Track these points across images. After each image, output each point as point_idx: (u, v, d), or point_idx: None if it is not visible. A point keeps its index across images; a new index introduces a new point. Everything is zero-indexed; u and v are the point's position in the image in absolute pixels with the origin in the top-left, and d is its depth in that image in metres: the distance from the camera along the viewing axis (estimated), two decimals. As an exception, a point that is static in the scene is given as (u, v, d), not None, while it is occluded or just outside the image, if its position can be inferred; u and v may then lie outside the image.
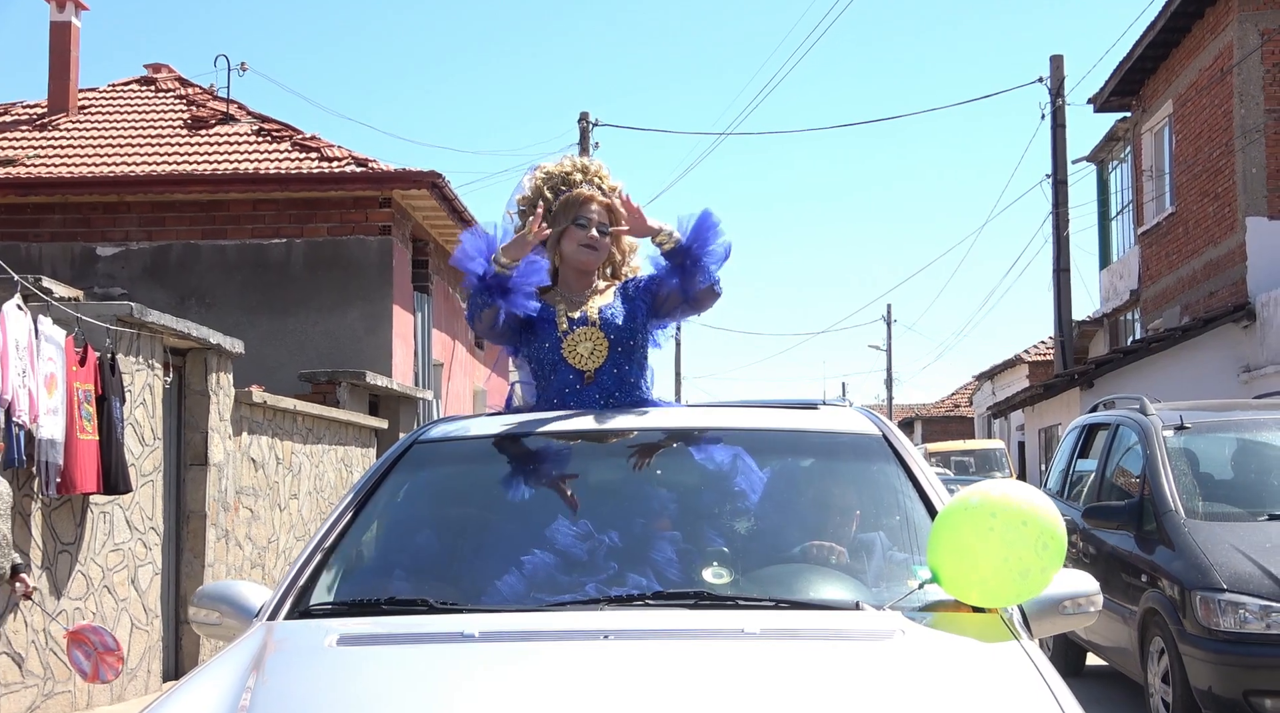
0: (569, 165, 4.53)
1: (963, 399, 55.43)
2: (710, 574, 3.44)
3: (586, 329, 4.30)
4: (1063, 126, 24.95)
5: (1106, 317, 27.67)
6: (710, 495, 3.79)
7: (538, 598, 3.34)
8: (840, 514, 3.81)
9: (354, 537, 3.71)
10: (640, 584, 3.36)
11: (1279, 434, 8.66)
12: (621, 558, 3.47)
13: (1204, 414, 8.95)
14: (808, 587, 3.46)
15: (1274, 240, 19.13)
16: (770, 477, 3.86)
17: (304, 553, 3.60)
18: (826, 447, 4.09)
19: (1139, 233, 24.77)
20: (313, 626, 3.28)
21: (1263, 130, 19.20)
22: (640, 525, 3.63)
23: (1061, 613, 3.45)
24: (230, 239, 16.65)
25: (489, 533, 3.77)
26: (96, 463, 7.94)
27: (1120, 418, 9.26)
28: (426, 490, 4.02)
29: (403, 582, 3.56)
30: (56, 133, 18.50)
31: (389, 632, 3.18)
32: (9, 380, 6.93)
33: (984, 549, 3.11)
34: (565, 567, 3.46)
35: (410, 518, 3.90)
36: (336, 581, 3.57)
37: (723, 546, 3.58)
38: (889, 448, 3.95)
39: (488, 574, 3.48)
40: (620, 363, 4.32)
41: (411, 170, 16.58)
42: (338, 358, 16.03)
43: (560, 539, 3.53)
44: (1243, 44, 19.37)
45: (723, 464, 3.85)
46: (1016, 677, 2.83)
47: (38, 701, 7.87)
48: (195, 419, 9.95)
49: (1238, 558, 7.21)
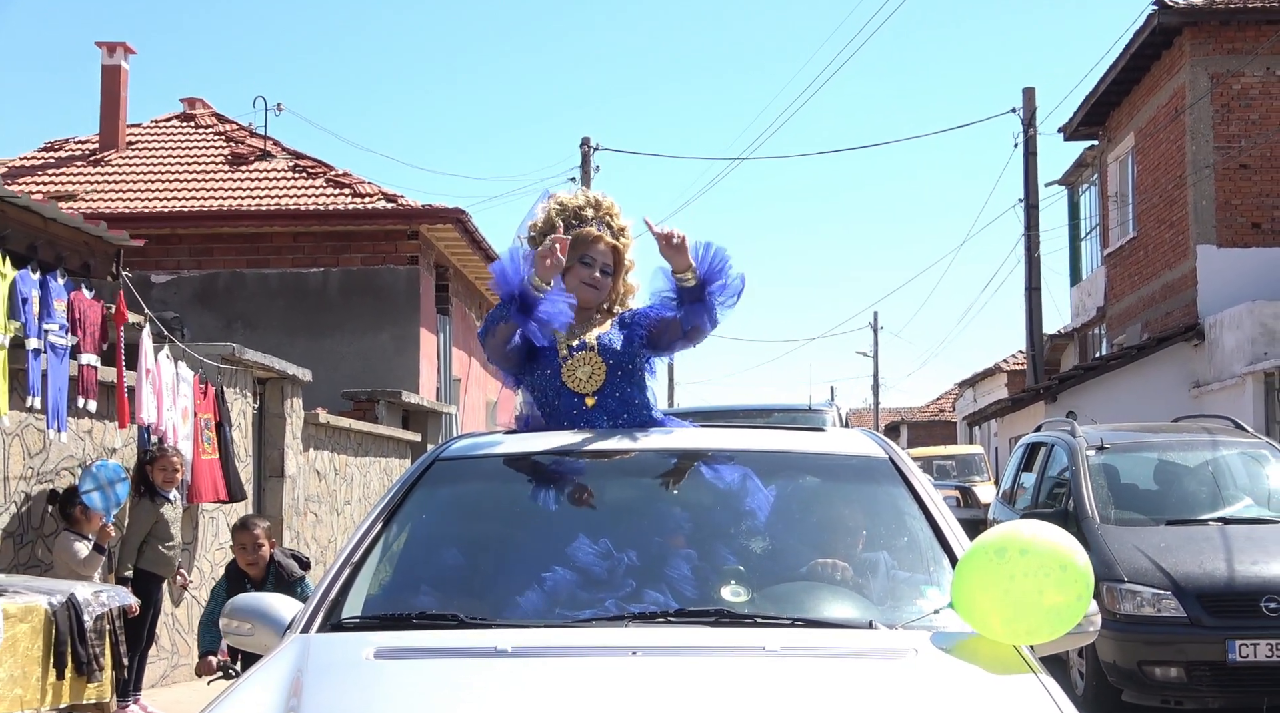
0: (582, 199, 4.60)
1: (947, 404, 57.14)
2: (728, 593, 3.53)
3: (585, 354, 4.40)
4: (1034, 154, 26.74)
5: (1076, 331, 29.47)
6: (722, 515, 3.91)
7: (561, 614, 3.44)
8: (849, 535, 3.90)
9: (381, 552, 3.83)
10: (658, 601, 3.46)
11: (1183, 453, 10.46)
12: (639, 575, 3.56)
13: (1123, 435, 10.76)
14: (822, 606, 3.55)
15: (1222, 267, 20.86)
16: (780, 497, 3.96)
17: (333, 567, 3.72)
18: (835, 469, 4.15)
19: (1105, 254, 26.53)
20: (348, 638, 3.38)
21: (1212, 166, 20.96)
22: (656, 544, 3.73)
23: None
24: (272, 268, 18.35)
25: (511, 550, 3.86)
26: (217, 478, 9.72)
27: (1055, 438, 11.06)
28: (449, 507, 4.12)
29: (430, 597, 3.64)
30: (109, 168, 20.21)
31: (424, 645, 3.27)
32: (163, 415, 8.73)
33: (1013, 592, 3.17)
34: (586, 584, 3.55)
35: (434, 534, 3.99)
36: (366, 595, 3.67)
37: (736, 564, 3.67)
38: (896, 471, 4.04)
39: (512, 590, 3.59)
40: (621, 386, 4.41)
41: (438, 207, 18.34)
42: (370, 377, 17.73)
43: (581, 557, 3.62)
44: (1194, 86, 21.15)
45: (733, 484, 3.95)
46: (1024, 696, 2.94)
47: (167, 671, 9.66)
48: (274, 438, 11.74)
49: (1137, 556, 8.97)
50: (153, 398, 8.64)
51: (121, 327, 8.38)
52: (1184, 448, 10.55)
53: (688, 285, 4.28)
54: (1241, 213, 20.92)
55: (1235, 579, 8.66)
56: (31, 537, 8.26)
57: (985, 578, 3.20)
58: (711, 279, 4.29)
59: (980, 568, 3.22)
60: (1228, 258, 20.84)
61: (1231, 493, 9.96)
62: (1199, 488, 10.06)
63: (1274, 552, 8.89)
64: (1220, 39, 20.97)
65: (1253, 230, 20.87)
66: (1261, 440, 10.59)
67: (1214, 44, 21.00)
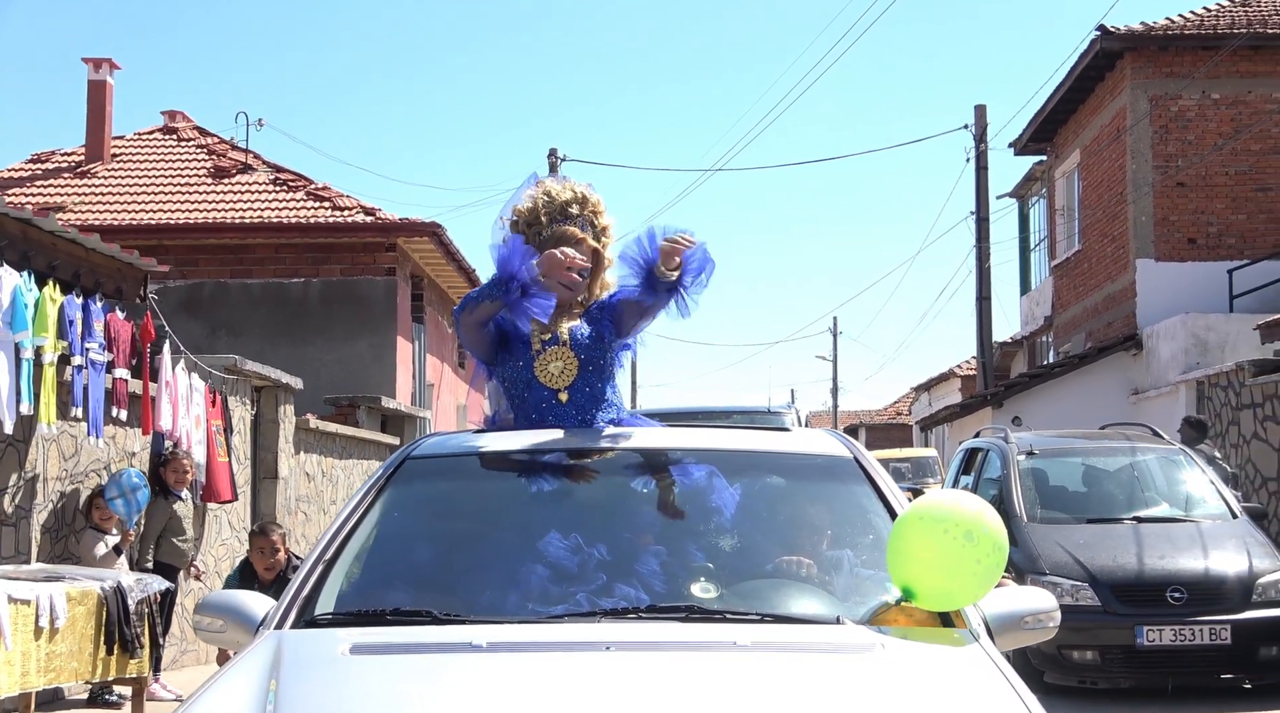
0: (569, 194, 4.58)
1: (904, 407, 58.23)
2: (698, 589, 3.58)
3: (557, 348, 4.39)
4: (985, 169, 27.79)
5: (1026, 339, 30.58)
6: (689, 512, 3.96)
7: (534, 609, 3.48)
8: (814, 533, 3.95)
9: (353, 550, 3.83)
10: (629, 595, 3.51)
11: (1105, 458, 11.49)
12: (610, 570, 3.59)
13: (1051, 441, 11.79)
14: (790, 602, 3.61)
15: (1160, 280, 21.91)
16: (747, 496, 4.00)
17: (306, 564, 3.73)
18: (801, 468, 4.20)
19: (1053, 265, 27.61)
20: (322, 635, 3.40)
21: (1151, 184, 22.03)
22: (626, 540, 3.77)
23: (1023, 628, 3.66)
24: (255, 278, 19.23)
25: (483, 546, 3.88)
26: (227, 479, 10.63)
27: (990, 444, 12.05)
28: (420, 505, 4.12)
29: (403, 593, 3.67)
30: (96, 180, 21.00)
31: (399, 641, 3.29)
32: (179, 423, 9.62)
33: (933, 555, 3.36)
34: (557, 578, 3.58)
35: (406, 532, 4.01)
36: (339, 592, 3.68)
37: (705, 561, 3.73)
38: (860, 470, 4.10)
39: (484, 585, 3.63)
40: (591, 381, 4.42)
41: (415, 221, 19.24)
42: (349, 383, 18.58)
43: (552, 552, 3.65)
44: (1135, 108, 22.23)
45: (699, 482, 3.99)
46: (987, 686, 3.02)
47: (177, 656, 10.53)
48: (268, 442, 12.61)
49: (1059, 551, 9.96)
50: (169, 407, 9.54)
51: (148, 344, 9.29)
52: (1106, 454, 11.58)
53: (668, 280, 4.28)
54: (1178, 229, 21.99)
55: (1144, 572, 9.66)
56: (65, 532, 9.15)
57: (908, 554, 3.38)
58: (692, 274, 4.31)
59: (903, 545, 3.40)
60: (1165, 272, 21.89)
61: (1146, 495, 10.99)
62: (1117, 490, 11.08)
63: (1180, 548, 9.91)
64: (1159, 63, 22.03)
65: (1189, 245, 21.94)
66: (1175, 447, 11.62)
67: (1153, 68, 22.06)
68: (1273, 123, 21.58)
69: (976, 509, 3.46)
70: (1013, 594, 3.78)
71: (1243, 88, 21.82)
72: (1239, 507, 10.76)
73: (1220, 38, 21.23)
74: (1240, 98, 21.84)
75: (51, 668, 6.83)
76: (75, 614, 7.14)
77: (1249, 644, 9.41)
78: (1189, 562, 9.72)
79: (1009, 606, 3.66)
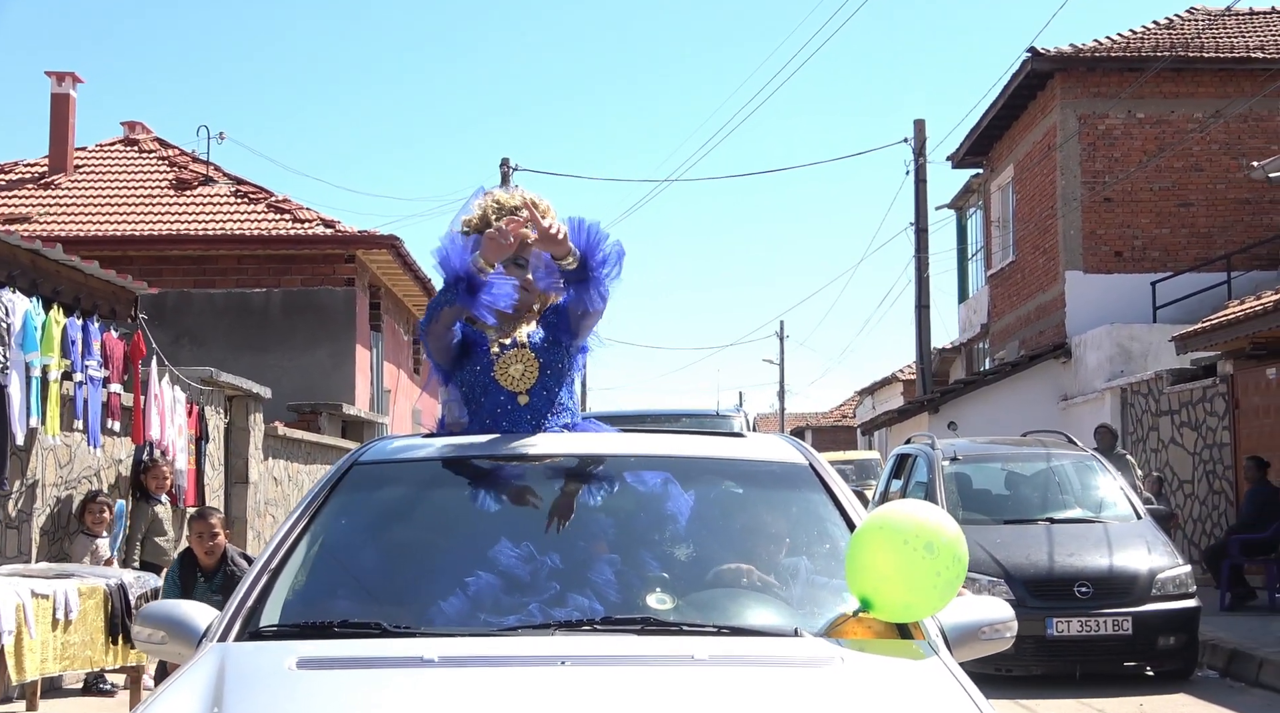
0: (518, 200, 4.52)
1: (849, 410, 59.24)
2: (654, 600, 3.52)
3: (518, 351, 4.34)
4: (924, 182, 28.69)
5: (963, 346, 31.57)
6: (643, 520, 3.90)
7: (486, 620, 3.40)
8: (770, 541, 3.90)
9: (299, 559, 3.73)
10: (583, 606, 3.44)
11: (1023, 464, 12.39)
12: (563, 579, 3.53)
13: (974, 448, 12.68)
14: (747, 613, 3.55)
15: (1087, 291, 22.89)
16: (701, 503, 3.95)
17: (250, 574, 3.62)
18: (757, 475, 4.14)
19: (989, 275, 28.59)
20: (268, 648, 3.28)
21: (1080, 199, 23.02)
22: (579, 548, 3.70)
23: (980, 639, 3.61)
24: (218, 288, 19.86)
25: (432, 554, 3.80)
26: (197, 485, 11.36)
27: (918, 450, 12.92)
28: (368, 512, 4.02)
29: (351, 603, 3.58)
30: (59, 192, 21.55)
31: (348, 655, 3.19)
32: (166, 433, 10.35)
33: (893, 566, 3.33)
34: (509, 588, 3.51)
35: (353, 540, 3.91)
36: (285, 602, 3.56)
37: (659, 569, 3.67)
38: (816, 477, 4.05)
39: (434, 595, 3.52)
40: (550, 385, 4.37)
41: (374, 234, 19.95)
42: (309, 390, 19.25)
43: (503, 561, 3.58)
44: (1064, 126, 23.21)
45: (654, 490, 3.94)
46: (948, 701, 3.03)
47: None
48: (239, 448, 13.32)
49: (978, 550, 10.80)
50: (158, 418, 10.26)
51: (139, 361, 10.01)
52: (1024, 460, 12.48)
53: (571, 268, 4.27)
54: (1105, 242, 23.00)
55: (1054, 569, 10.55)
56: (60, 534, 9.84)
57: (868, 565, 3.37)
58: (592, 255, 4.27)
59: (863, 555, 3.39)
60: (1092, 283, 22.88)
61: (1060, 498, 11.89)
62: (1033, 493, 11.98)
63: (1088, 546, 10.80)
64: (1087, 83, 23.03)
65: (1115, 258, 22.96)
66: (1088, 453, 12.53)
67: (1082, 88, 23.06)
68: (1194, 141, 22.63)
69: (936, 520, 3.44)
70: (969, 605, 3.72)
71: (1166, 108, 22.86)
72: (1144, 509, 11.68)
73: (1145, 60, 22.24)
74: (1164, 117, 22.87)
75: (67, 656, 7.61)
76: (85, 608, 7.89)
77: (1149, 635, 10.31)
78: (1095, 559, 10.61)
79: (966, 616, 3.62)
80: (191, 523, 7.96)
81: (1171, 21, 24.41)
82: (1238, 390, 16.68)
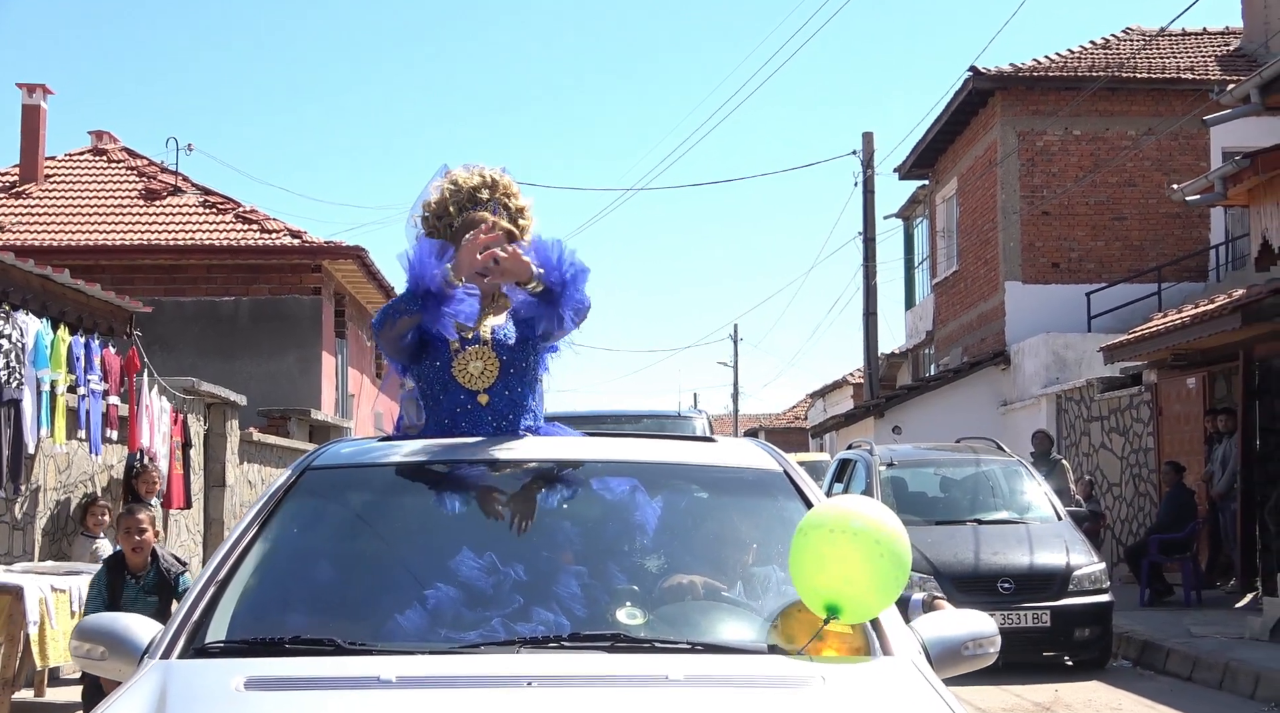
0: (477, 180, 4.38)
1: (802, 412, 60.21)
2: (623, 615, 3.37)
3: (478, 348, 4.17)
4: (872, 193, 29.58)
5: (910, 351, 32.56)
6: (610, 529, 3.74)
7: (446, 635, 3.25)
8: (743, 552, 3.76)
9: (249, 570, 3.55)
10: (549, 620, 3.29)
11: (954, 468, 13.28)
12: (527, 592, 3.38)
13: (909, 453, 13.58)
14: (722, 628, 3.42)
15: (1026, 301, 23.87)
16: (671, 512, 3.80)
17: (196, 586, 3.44)
18: (729, 482, 4.00)
19: (934, 283, 29.55)
20: (213, 666, 3.11)
21: (1019, 212, 23.99)
22: (544, 559, 3.55)
23: (963, 655, 3.47)
24: (188, 297, 20.50)
25: (389, 565, 3.64)
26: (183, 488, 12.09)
27: (857, 456, 13.80)
28: (322, 520, 3.86)
29: (303, 617, 3.41)
30: (30, 201, 22.11)
31: (299, 675, 3.02)
32: (154, 441, 11.10)
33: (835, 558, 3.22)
34: (470, 601, 3.36)
35: (306, 549, 3.74)
36: (232, 617, 3.37)
37: (628, 582, 3.51)
38: (791, 485, 3.89)
39: (391, 609, 3.35)
40: (512, 384, 4.21)
41: (340, 244, 20.68)
42: (277, 396, 19.92)
43: (464, 572, 3.43)
44: (1004, 142, 24.18)
45: (622, 497, 3.78)
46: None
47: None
48: (217, 454, 14.05)
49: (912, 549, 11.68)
50: (148, 426, 11.01)
51: (134, 374, 10.77)
52: (955, 465, 13.38)
53: (538, 292, 4.13)
54: (1043, 254, 23.99)
55: (979, 566, 11.43)
56: (60, 535, 10.57)
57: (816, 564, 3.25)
58: (559, 277, 4.13)
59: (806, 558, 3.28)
60: (1031, 293, 23.86)
61: (987, 500, 12.79)
62: (963, 496, 12.88)
63: (1011, 546, 11.69)
64: (1026, 102, 24.01)
65: (1052, 269, 23.95)
66: (1014, 459, 13.44)
67: (1021, 106, 24.04)
68: (1128, 158, 23.65)
69: (849, 505, 3.38)
70: (951, 619, 3.59)
71: (1101, 125, 23.88)
72: (1064, 511, 12.59)
73: (1081, 80, 23.24)
74: (1099, 134, 23.88)
75: (80, 645, 8.34)
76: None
77: (1066, 627, 11.20)
78: (1017, 558, 11.51)
79: (948, 631, 3.48)
80: (119, 520, 7.73)
81: (1108, 42, 25.42)
82: (1161, 398, 17.66)
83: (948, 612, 3.80)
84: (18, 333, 8.81)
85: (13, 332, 8.76)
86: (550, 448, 4.09)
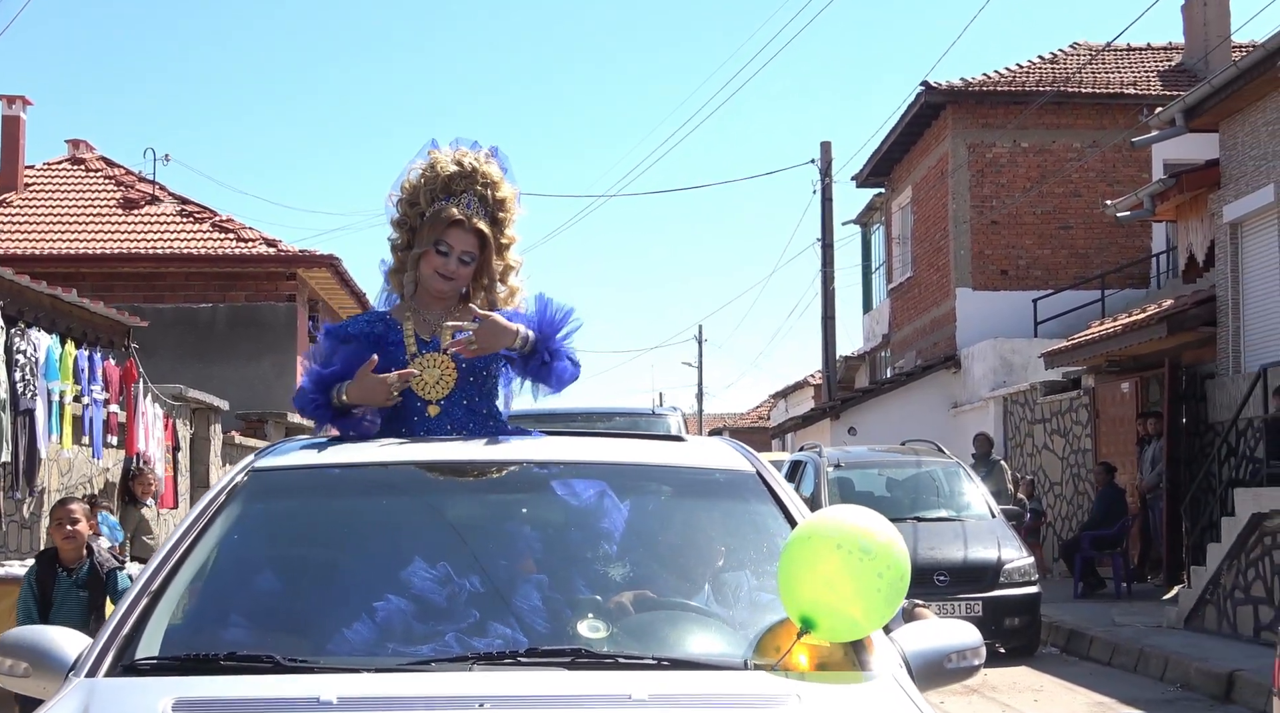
0: (453, 169, 4.03)
1: (765, 412, 61.05)
2: (586, 628, 3.19)
3: (435, 355, 3.94)
4: (830, 201, 30.45)
5: (867, 354, 33.47)
6: (575, 536, 3.56)
7: (396, 651, 3.08)
8: (714, 558, 3.56)
9: (185, 579, 3.34)
10: (505, 634, 3.12)
11: (897, 469, 14.17)
12: (483, 604, 3.20)
13: (855, 455, 14.48)
14: (690, 641, 3.25)
15: (976, 307, 24.75)
16: (640, 517, 3.62)
17: (128, 598, 3.22)
18: (700, 484, 3.81)
19: (890, 288, 30.44)
20: (142, 685, 2.93)
21: (969, 221, 24.89)
22: (503, 568, 3.38)
23: (946, 668, 3.30)
24: (167, 303, 21.19)
25: (335, 575, 3.44)
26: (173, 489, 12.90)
27: (808, 457, 14.67)
28: (264, 526, 3.65)
29: (242, 632, 3.22)
30: (11, 210, 22.74)
31: (232, 696, 2.84)
32: (150, 445, 11.88)
33: (832, 576, 3.04)
34: (422, 614, 3.17)
35: (246, 557, 3.53)
36: (166, 631, 3.17)
37: (591, 592, 3.33)
38: (765, 487, 3.70)
39: (336, 623, 3.17)
40: (471, 394, 3.99)
41: (314, 253, 21.44)
42: (252, 399, 20.58)
43: (416, 583, 3.24)
44: (955, 154, 25.08)
45: (588, 501, 3.58)
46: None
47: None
48: (201, 456, 14.83)
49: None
50: (144, 432, 11.80)
51: (131, 384, 11.56)
52: (898, 466, 14.27)
53: (526, 352, 3.96)
54: (992, 261, 24.91)
55: (917, 561, 12.16)
56: (61, 534, 11.35)
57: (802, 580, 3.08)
58: (550, 334, 3.97)
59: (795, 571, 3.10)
60: (980, 299, 24.76)
61: (928, 499, 13.68)
62: (905, 496, 13.76)
63: (947, 541, 12.57)
64: (977, 115, 24.91)
65: (1001, 276, 24.86)
66: (953, 461, 14.34)
67: (971, 119, 24.95)
68: (1074, 169, 24.59)
69: (868, 523, 3.15)
70: (934, 629, 3.40)
71: (1048, 138, 24.81)
72: (998, 509, 13.49)
73: (1029, 94, 24.14)
74: (1046, 147, 24.81)
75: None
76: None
77: (997, 616, 12.08)
78: (952, 552, 12.38)
79: (931, 643, 3.30)
80: (51, 512, 7.43)
81: (1055, 57, 26.34)
82: (1099, 402, 18.62)
83: (930, 622, 3.65)
84: (32, 348, 9.61)
85: (28, 347, 9.57)
86: (512, 449, 3.83)
